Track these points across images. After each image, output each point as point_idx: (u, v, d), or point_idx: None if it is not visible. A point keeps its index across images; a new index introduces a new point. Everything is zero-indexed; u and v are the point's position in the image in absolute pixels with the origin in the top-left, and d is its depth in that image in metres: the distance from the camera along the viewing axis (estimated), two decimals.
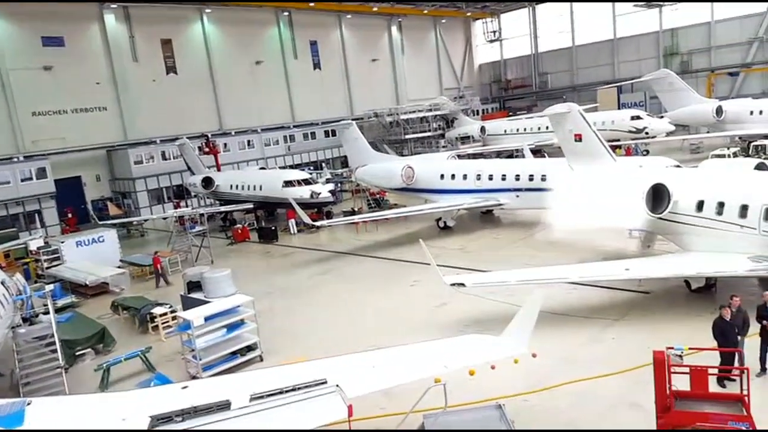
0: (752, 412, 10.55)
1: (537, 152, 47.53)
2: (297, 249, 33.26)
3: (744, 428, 10.48)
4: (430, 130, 65.25)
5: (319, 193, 36.82)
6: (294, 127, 61.40)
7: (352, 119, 47.98)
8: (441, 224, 32.86)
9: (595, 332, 16.99)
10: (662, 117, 52.56)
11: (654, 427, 11.07)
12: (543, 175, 28.84)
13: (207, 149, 47.29)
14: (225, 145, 53.33)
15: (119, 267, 29.97)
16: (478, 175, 32.01)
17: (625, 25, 72.57)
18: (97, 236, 31.91)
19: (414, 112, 64.28)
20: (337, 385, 9.74)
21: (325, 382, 9.88)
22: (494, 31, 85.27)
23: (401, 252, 28.97)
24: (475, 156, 50.63)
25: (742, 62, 64.52)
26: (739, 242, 17.90)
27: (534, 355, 11.49)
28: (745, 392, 10.83)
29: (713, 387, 12.29)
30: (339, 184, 48.09)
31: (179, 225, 36.54)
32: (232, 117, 58.39)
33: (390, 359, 11.21)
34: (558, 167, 27.74)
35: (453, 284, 17.61)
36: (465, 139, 63.84)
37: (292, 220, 37.06)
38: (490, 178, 31.36)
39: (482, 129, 62.94)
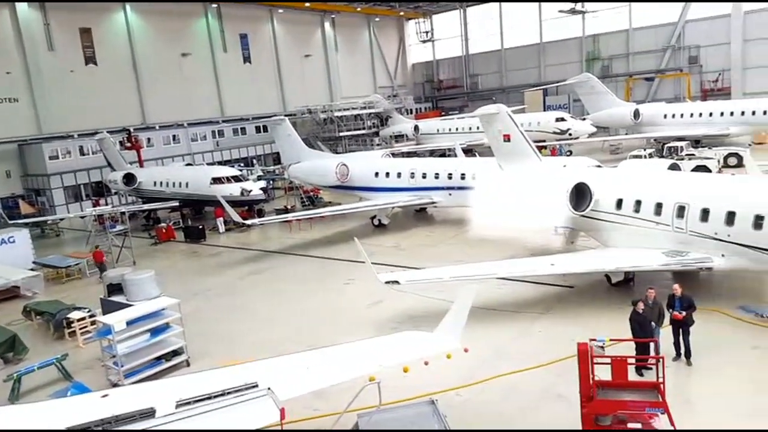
0: (667, 398, 11.16)
1: (468, 151, 48.57)
2: (226, 249, 32.36)
3: (659, 413, 11.11)
4: (364, 128, 65.36)
5: (250, 191, 36.00)
6: (223, 122, 59.77)
7: (285, 115, 47.21)
8: (376, 222, 32.93)
9: (523, 326, 17.50)
10: (584, 119, 55.09)
11: (578, 416, 11.50)
12: (474, 174, 29.48)
13: (129, 144, 45.20)
14: (149, 140, 51.25)
15: (32, 269, 28.10)
16: (412, 173, 32.32)
17: (550, 30, 75.45)
18: (7, 237, 29.78)
19: (348, 109, 64.22)
20: (269, 388, 9.48)
21: (256, 386, 9.59)
22: (427, 32, 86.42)
23: (336, 250, 28.79)
24: (409, 154, 51.13)
25: (657, 68, 68.60)
26: (654, 238, 18.94)
27: (466, 350, 11.67)
28: (660, 379, 11.46)
29: (633, 376, 12.97)
30: (271, 182, 47.25)
31: (98, 224, 34.75)
32: (156, 111, 56.02)
33: (324, 359, 11.06)
34: (489, 166, 28.42)
35: (388, 282, 17.64)
36: (399, 137, 64.38)
37: (221, 219, 36.00)
38: (424, 176, 31.77)
39: (416, 128, 63.71)
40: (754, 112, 45.47)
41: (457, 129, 60.35)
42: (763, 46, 61.77)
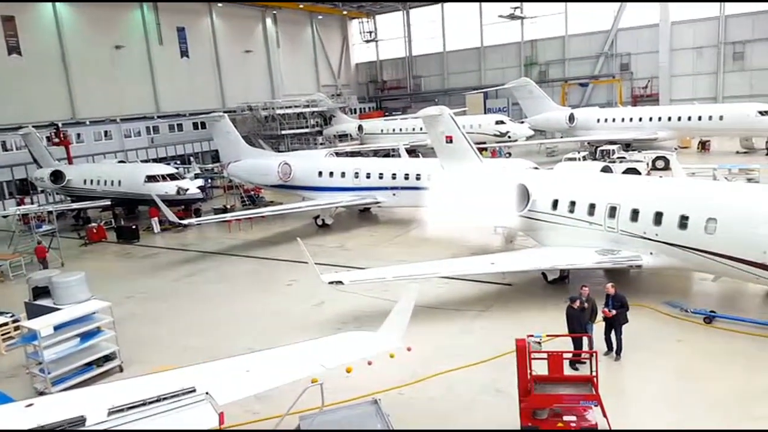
0: (600, 391, 11.63)
1: (412, 152, 49.03)
2: (161, 249, 31.26)
3: (593, 406, 11.56)
4: (307, 127, 64.70)
5: (187, 189, 34.95)
6: (159, 117, 57.64)
7: (224, 112, 46.02)
8: (319, 222, 32.68)
9: (464, 323, 17.80)
10: (523, 122, 56.72)
11: (517, 410, 11.80)
12: (418, 174, 29.77)
13: (57, 140, 42.87)
14: (78, 135, 48.83)
15: None
16: (356, 173, 32.28)
17: (491, 35, 77.29)
18: None
19: (290, 107, 63.34)
20: (207, 393, 9.21)
21: (194, 390, 9.30)
22: (370, 32, 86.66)
23: (277, 251, 28.36)
24: (353, 154, 51.06)
25: (591, 74, 71.54)
26: (588, 237, 19.71)
27: (409, 349, 11.74)
28: (594, 373, 11.93)
29: (568, 370, 13.44)
30: (209, 180, 46.01)
31: (23, 224, 32.79)
32: (87, 105, 53.27)
33: (265, 362, 10.84)
34: (432, 167, 28.78)
35: (331, 282, 17.54)
36: (343, 136, 64.21)
37: (156, 219, 34.73)
38: (368, 176, 31.79)
39: (360, 127, 63.72)
40: (679, 118, 48.13)
41: (400, 129, 60.82)
42: (688, 55, 65.62)
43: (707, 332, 15.93)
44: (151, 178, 35.41)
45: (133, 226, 34.23)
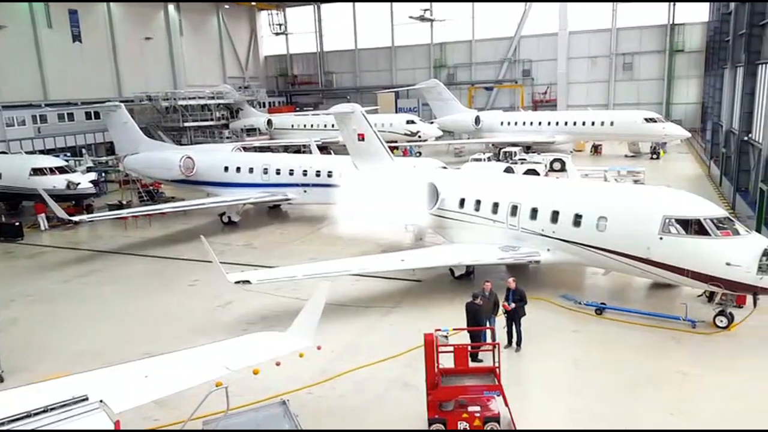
0: (502, 381, 12.16)
1: (323, 149, 48.69)
2: (49, 248, 28.86)
3: (495, 396, 12.07)
4: (212, 119, 62.27)
5: (78, 184, 32.61)
6: (47, 105, 53.18)
7: (121, 101, 43.17)
8: (225, 219, 31.60)
9: (374, 320, 17.94)
10: (432, 123, 58.07)
11: (425, 403, 12.06)
12: (330, 171, 29.58)
13: None
14: None
15: None
16: (265, 168, 31.51)
17: (402, 35, 78.41)
18: None
19: (194, 98, 60.59)
20: (101, 401, 8.60)
21: (87, 399, 8.65)
22: (280, 24, 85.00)
23: (179, 250, 27.09)
24: (261, 149, 49.85)
25: (496, 79, 74.58)
26: (491, 234, 20.56)
27: (319, 348, 11.65)
28: (496, 365, 12.44)
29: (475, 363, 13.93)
30: (103, 174, 43.11)
31: None
32: None
33: (165, 366, 10.29)
34: (344, 164, 28.72)
35: (237, 282, 17.02)
36: (251, 131, 62.45)
37: (43, 215, 32.04)
38: (278, 172, 31.13)
39: (269, 122, 62.33)
40: (575, 123, 51.35)
41: (312, 125, 60.18)
42: (584, 64, 70.15)
43: (599, 323, 17.10)
44: (37, 171, 32.67)
45: (16, 223, 31.30)
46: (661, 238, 16.19)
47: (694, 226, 15.91)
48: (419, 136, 53.96)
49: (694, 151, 53.73)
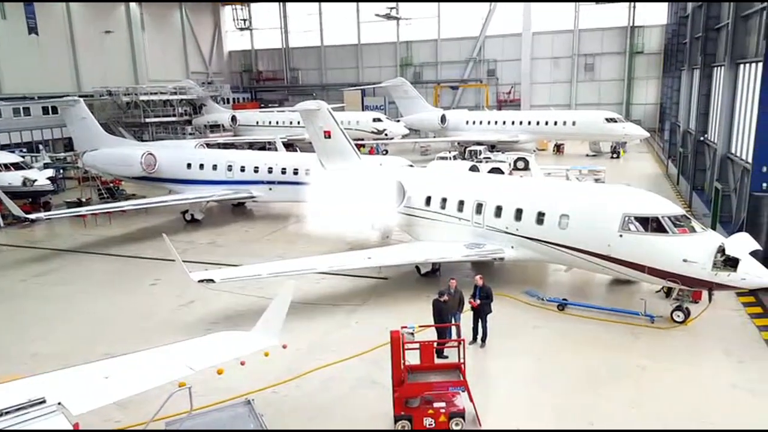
0: (467, 377, 12.30)
1: (289, 146, 48.31)
2: (4, 247, 27.80)
3: (460, 391, 12.21)
4: (175, 115, 61.04)
5: (35, 180, 31.66)
6: (1, 100, 51.26)
7: (80, 96, 41.90)
8: (188, 217, 31.05)
9: (341, 318, 17.91)
10: (399, 121, 58.28)
11: (391, 400, 12.12)
12: (296, 169, 29.34)
13: None
14: None
15: None
16: (230, 165, 31.07)
17: (368, 33, 78.35)
18: None
19: (156, 93, 59.25)
20: (59, 403, 8.37)
21: (44, 401, 8.41)
22: (244, 19, 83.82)
23: (140, 248, 26.49)
24: (226, 146, 49.13)
25: (461, 78, 75.24)
26: (457, 232, 20.76)
27: (284, 346, 11.56)
28: (462, 361, 12.58)
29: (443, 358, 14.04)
30: (61, 171, 41.82)
31: None
32: None
33: (126, 367, 10.06)
34: (310, 162, 28.55)
35: (201, 281, 16.73)
36: (215, 127, 61.46)
37: None
38: (242, 169, 30.72)
39: (233, 118, 61.47)
40: (538, 122, 52.31)
41: (277, 122, 59.64)
42: (547, 64, 71.39)
43: (561, 318, 17.46)
44: None
45: None
46: (621, 236, 16.61)
47: (652, 224, 16.36)
48: (386, 134, 54.08)
49: (653, 151, 55.38)
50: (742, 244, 15.61)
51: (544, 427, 12.12)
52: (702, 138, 31.84)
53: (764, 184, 19.21)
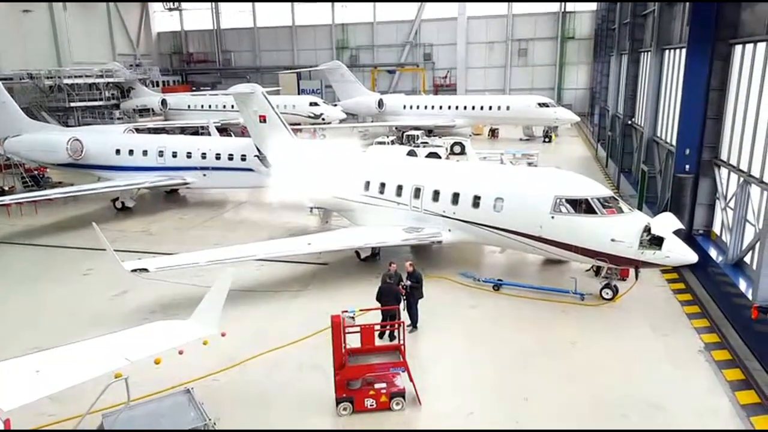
0: (407, 358, 12.63)
1: (223, 130, 47.10)
2: None
3: (401, 372, 12.53)
4: (101, 99, 58.12)
5: None
6: None
7: None
8: (118, 205, 29.87)
9: (282, 304, 17.86)
10: (336, 105, 57.89)
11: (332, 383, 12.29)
12: (230, 154, 28.71)
13: None
14: None
15: None
16: (161, 151, 30.02)
17: (303, 15, 77.07)
18: None
19: (81, 76, 56.18)
20: None
21: None
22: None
23: (69, 238, 25.33)
24: (156, 131, 47.33)
25: (398, 62, 75.45)
26: (396, 217, 21.03)
27: (223, 334, 11.48)
28: (401, 342, 12.89)
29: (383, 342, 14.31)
30: None
31: None
32: None
33: (58, 360, 9.73)
34: (246, 146, 28.00)
35: (134, 270, 16.24)
36: (144, 111, 59.02)
37: None
38: (174, 155, 29.74)
39: (163, 102, 59.21)
40: (474, 107, 53.31)
41: (210, 106, 57.90)
42: (482, 49, 72.67)
43: (495, 298, 18.11)
44: None
45: None
46: (552, 217, 17.32)
47: (582, 206, 17.13)
48: (323, 119, 53.64)
49: (583, 135, 57.66)
50: (666, 223, 16.57)
51: (480, 402, 12.61)
52: (630, 122, 33.33)
53: (687, 166, 20.20)
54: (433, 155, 37.00)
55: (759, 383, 12.97)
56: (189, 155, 29.49)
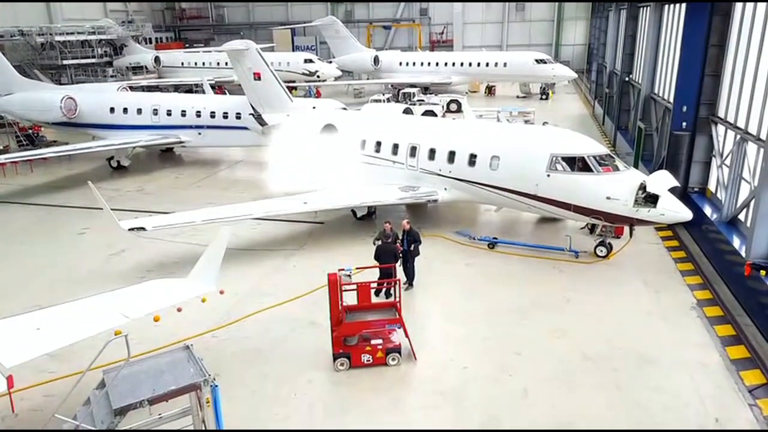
0: (402, 314, 12.83)
1: (218, 88, 46.48)
2: None
3: (396, 328, 12.75)
4: (94, 57, 56.98)
5: None
6: None
7: None
8: (114, 164, 29.72)
9: (278, 263, 18.00)
10: (331, 62, 56.90)
11: (329, 340, 12.52)
12: (225, 113, 28.39)
13: None
14: None
15: None
16: (155, 109, 29.66)
17: None
18: None
19: (73, 33, 54.91)
20: None
21: None
22: None
23: (65, 197, 25.30)
24: (150, 88, 46.65)
25: (393, 17, 73.81)
26: (392, 175, 20.97)
27: (222, 292, 11.60)
28: (397, 299, 13.07)
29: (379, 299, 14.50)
30: None
31: None
32: None
33: (58, 318, 9.86)
34: (242, 104, 27.65)
35: (132, 229, 16.29)
36: (137, 69, 58.00)
37: None
38: (169, 113, 29.42)
39: (156, 59, 58.15)
40: (470, 64, 52.47)
41: (203, 63, 56.93)
42: (478, 4, 71.00)
43: (490, 256, 18.28)
44: None
45: None
46: (548, 176, 17.29)
47: (578, 164, 17.08)
48: (318, 76, 52.82)
49: (581, 92, 57.08)
50: (661, 181, 16.63)
51: (473, 357, 12.87)
52: (627, 78, 32.97)
53: (684, 123, 20.10)
54: (429, 113, 36.68)
55: (749, 338, 13.24)
56: (183, 113, 29.20)
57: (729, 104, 18.44)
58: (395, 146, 20.99)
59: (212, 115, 28.68)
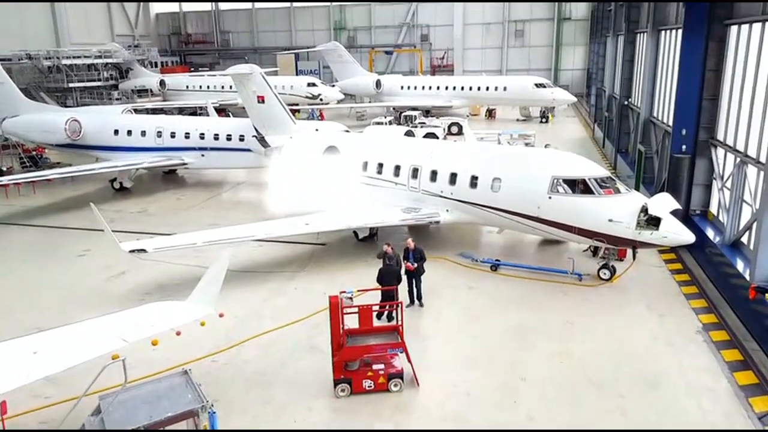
0: (405, 338, 12.65)
1: (221, 111, 46.85)
2: None
3: (399, 352, 12.55)
4: (100, 80, 57.72)
5: None
6: None
7: None
8: (116, 185, 29.80)
9: (279, 285, 17.85)
10: (334, 86, 57.45)
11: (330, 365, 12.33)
12: (228, 135, 28.56)
13: None
14: None
15: None
16: (159, 131, 29.86)
17: None
18: None
19: (79, 57, 55.68)
20: None
21: None
22: None
23: (67, 218, 25.31)
24: (155, 111, 47.05)
25: (395, 43, 74.72)
26: (393, 197, 20.97)
27: (221, 315, 11.48)
28: (399, 323, 12.90)
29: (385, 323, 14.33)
30: None
31: None
32: None
33: (55, 341, 9.73)
34: (245, 127, 27.82)
35: (132, 251, 16.21)
36: (142, 92, 58.67)
37: None
38: (173, 135, 29.59)
39: (162, 83, 58.82)
40: (471, 88, 52.95)
41: (208, 87, 57.54)
42: (478, 30, 71.92)
43: (493, 278, 18.12)
44: None
45: None
46: (550, 198, 17.26)
47: (579, 186, 17.07)
48: (321, 99, 53.28)
49: (580, 115, 57.34)
50: (663, 203, 16.55)
51: (477, 382, 12.66)
52: (626, 102, 33.18)
53: (684, 146, 20.13)
54: (431, 136, 36.82)
55: (757, 364, 13.01)
56: (187, 136, 29.36)
57: (728, 127, 18.46)
58: (397, 168, 21.02)
59: (216, 137, 28.84)
